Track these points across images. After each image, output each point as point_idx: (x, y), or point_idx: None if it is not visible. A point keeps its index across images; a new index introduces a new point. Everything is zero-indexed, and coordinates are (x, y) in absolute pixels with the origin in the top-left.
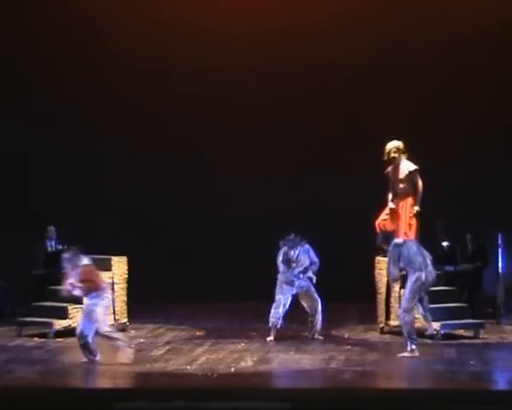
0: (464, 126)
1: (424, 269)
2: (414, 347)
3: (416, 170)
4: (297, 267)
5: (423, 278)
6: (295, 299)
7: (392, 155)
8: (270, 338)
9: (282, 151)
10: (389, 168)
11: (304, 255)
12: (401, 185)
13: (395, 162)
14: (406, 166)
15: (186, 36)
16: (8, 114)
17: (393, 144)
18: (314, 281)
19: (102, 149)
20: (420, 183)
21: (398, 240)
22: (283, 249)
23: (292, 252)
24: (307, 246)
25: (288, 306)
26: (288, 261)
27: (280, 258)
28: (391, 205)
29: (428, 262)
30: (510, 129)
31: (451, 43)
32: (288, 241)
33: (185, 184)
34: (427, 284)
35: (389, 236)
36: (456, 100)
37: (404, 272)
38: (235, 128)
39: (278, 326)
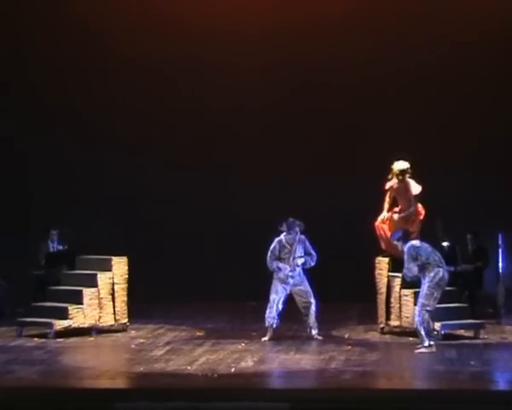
0: (465, 127)
1: (442, 266)
2: (432, 343)
3: (418, 193)
4: (291, 255)
5: (441, 273)
6: (291, 298)
7: (400, 177)
8: (265, 338)
9: (283, 152)
10: (393, 184)
11: (299, 245)
12: (407, 203)
13: (402, 182)
14: (411, 188)
15: (186, 36)
16: (7, 114)
17: (401, 167)
18: (309, 264)
19: (102, 149)
20: (417, 205)
21: (415, 242)
22: (277, 240)
23: (291, 236)
24: (303, 237)
25: (281, 305)
26: (280, 253)
27: (269, 254)
28: (388, 214)
29: (443, 261)
30: (511, 129)
31: (452, 47)
32: (291, 223)
33: (185, 184)
34: (444, 282)
35: (406, 235)
36: (456, 101)
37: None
38: (234, 129)
39: (274, 326)
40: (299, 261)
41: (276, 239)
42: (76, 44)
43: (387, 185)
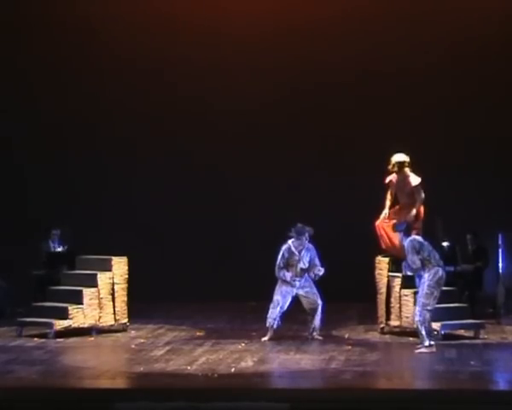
0: (464, 127)
1: (441, 265)
2: (432, 343)
3: (419, 183)
4: (299, 263)
5: (440, 273)
6: (296, 299)
7: (396, 169)
8: (265, 338)
9: (283, 151)
10: (393, 178)
11: (306, 252)
12: (407, 198)
13: (400, 175)
14: (411, 180)
15: (186, 37)
16: (6, 114)
17: (400, 159)
18: (318, 275)
19: (103, 149)
20: (422, 195)
21: (418, 237)
22: (286, 247)
23: (300, 241)
24: (311, 246)
25: (285, 307)
26: (288, 260)
27: (278, 262)
28: (388, 212)
29: (441, 261)
30: (510, 129)
31: (452, 47)
32: (300, 229)
33: (185, 184)
34: (443, 282)
35: (409, 229)
36: (456, 101)
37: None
38: (234, 129)
39: (275, 326)
40: (318, 272)
41: (284, 247)
42: (76, 45)
43: (387, 179)
